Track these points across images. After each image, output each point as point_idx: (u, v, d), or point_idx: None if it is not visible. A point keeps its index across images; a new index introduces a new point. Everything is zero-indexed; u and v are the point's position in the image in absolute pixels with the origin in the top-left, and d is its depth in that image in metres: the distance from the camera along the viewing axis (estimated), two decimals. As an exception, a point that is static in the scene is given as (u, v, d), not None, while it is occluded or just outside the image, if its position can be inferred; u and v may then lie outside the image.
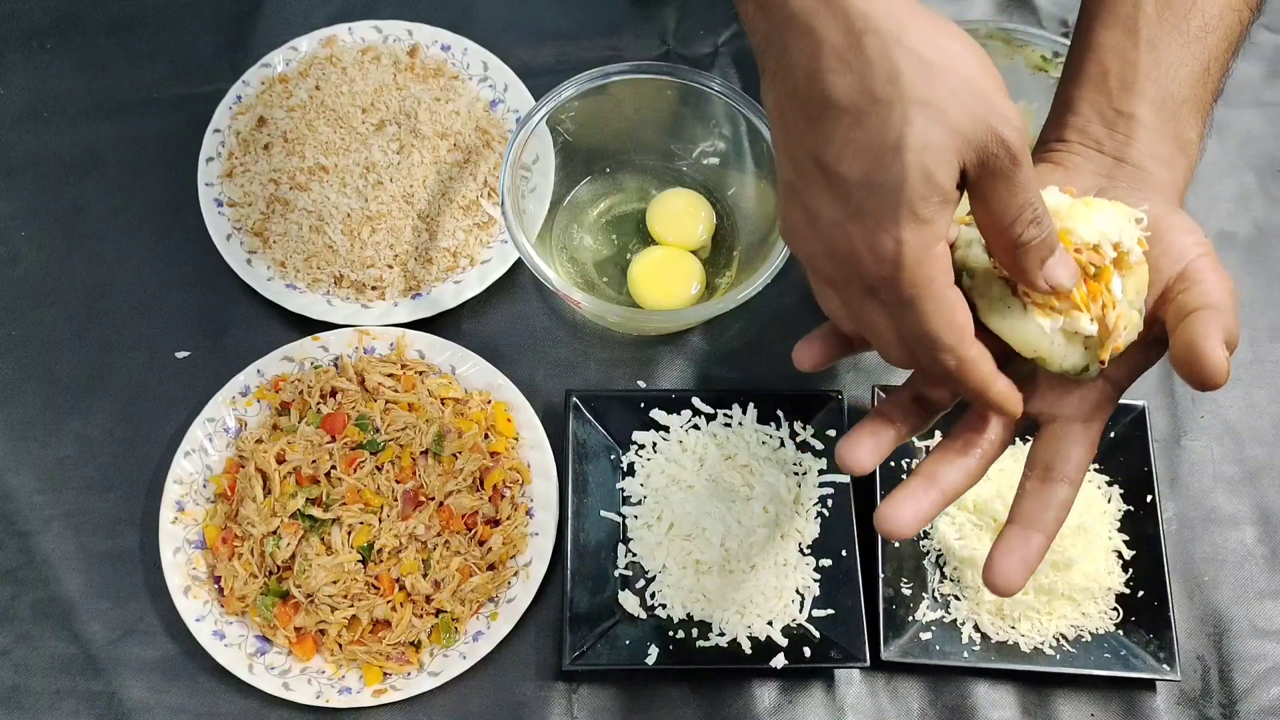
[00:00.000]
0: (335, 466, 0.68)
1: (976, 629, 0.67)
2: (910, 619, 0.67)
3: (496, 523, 0.69)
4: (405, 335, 0.73)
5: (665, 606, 0.67)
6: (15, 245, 0.79)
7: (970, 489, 0.50)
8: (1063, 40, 0.73)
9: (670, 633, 0.67)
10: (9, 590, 0.69)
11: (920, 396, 0.50)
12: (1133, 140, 0.52)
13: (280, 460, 0.68)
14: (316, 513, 0.67)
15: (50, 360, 0.75)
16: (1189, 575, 0.71)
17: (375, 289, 0.75)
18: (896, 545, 0.69)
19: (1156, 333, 0.48)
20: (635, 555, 0.69)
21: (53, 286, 0.77)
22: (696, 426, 0.72)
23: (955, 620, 0.67)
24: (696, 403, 0.72)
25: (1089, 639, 0.67)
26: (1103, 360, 0.46)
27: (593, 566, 0.68)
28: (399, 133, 0.78)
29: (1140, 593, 0.68)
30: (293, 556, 0.66)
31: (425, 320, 0.74)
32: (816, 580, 0.68)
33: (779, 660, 0.65)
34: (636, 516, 0.70)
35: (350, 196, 0.76)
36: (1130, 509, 0.70)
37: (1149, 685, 0.68)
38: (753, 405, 0.72)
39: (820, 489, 0.70)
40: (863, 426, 0.49)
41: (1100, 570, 0.67)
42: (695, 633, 0.67)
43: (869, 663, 0.64)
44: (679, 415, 0.72)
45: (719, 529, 0.67)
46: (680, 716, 0.67)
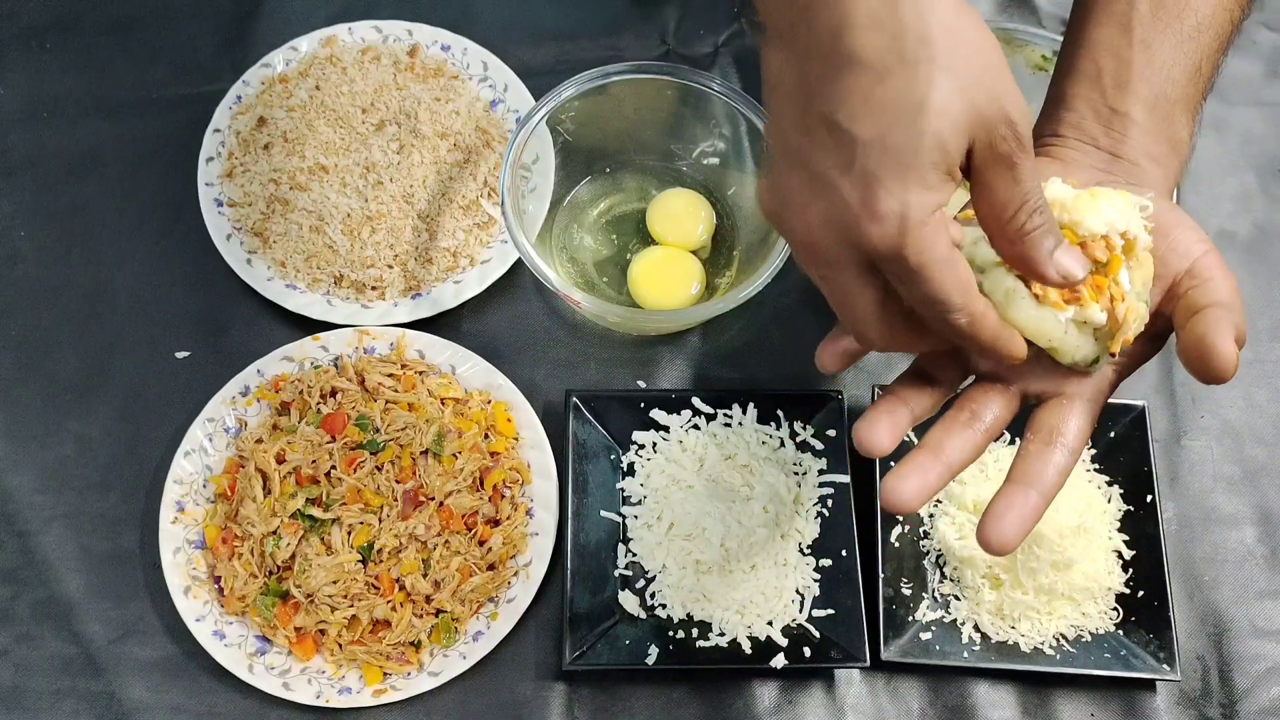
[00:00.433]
0: (335, 466, 0.68)
1: (976, 629, 0.67)
2: (910, 619, 0.67)
3: (496, 523, 0.69)
4: (405, 335, 0.73)
5: (665, 606, 0.67)
6: (15, 245, 0.79)
7: (972, 462, 0.49)
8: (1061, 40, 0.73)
9: (670, 633, 0.67)
10: (9, 590, 0.69)
11: (926, 375, 0.50)
12: (1127, 138, 0.52)
13: (280, 460, 0.68)
14: (316, 513, 0.67)
15: (50, 360, 0.75)
16: (1189, 575, 0.71)
17: (375, 289, 0.75)
18: (896, 545, 0.69)
19: (1159, 326, 0.48)
20: (635, 555, 0.69)
21: (53, 286, 0.77)
22: (696, 426, 0.72)
23: (955, 620, 0.67)
24: (696, 403, 0.72)
25: (1089, 639, 0.67)
26: (1113, 352, 0.46)
27: (593, 566, 0.68)
28: (399, 133, 0.78)
29: (1140, 593, 0.68)
30: (293, 556, 0.66)
31: (425, 320, 0.74)
32: (816, 580, 0.68)
33: (779, 660, 0.65)
34: (636, 516, 0.70)
35: (350, 196, 0.76)
36: (1130, 509, 0.70)
37: (1149, 685, 0.68)
38: (753, 405, 0.72)
39: (820, 489, 0.70)
40: (877, 407, 0.49)
41: (1100, 570, 0.67)
42: (695, 633, 0.67)
43: (869, 663, 0.64)
44: (679, 415, 0.72)
45: (719, 529, 0.67)
46: (680, 716, 0.67)
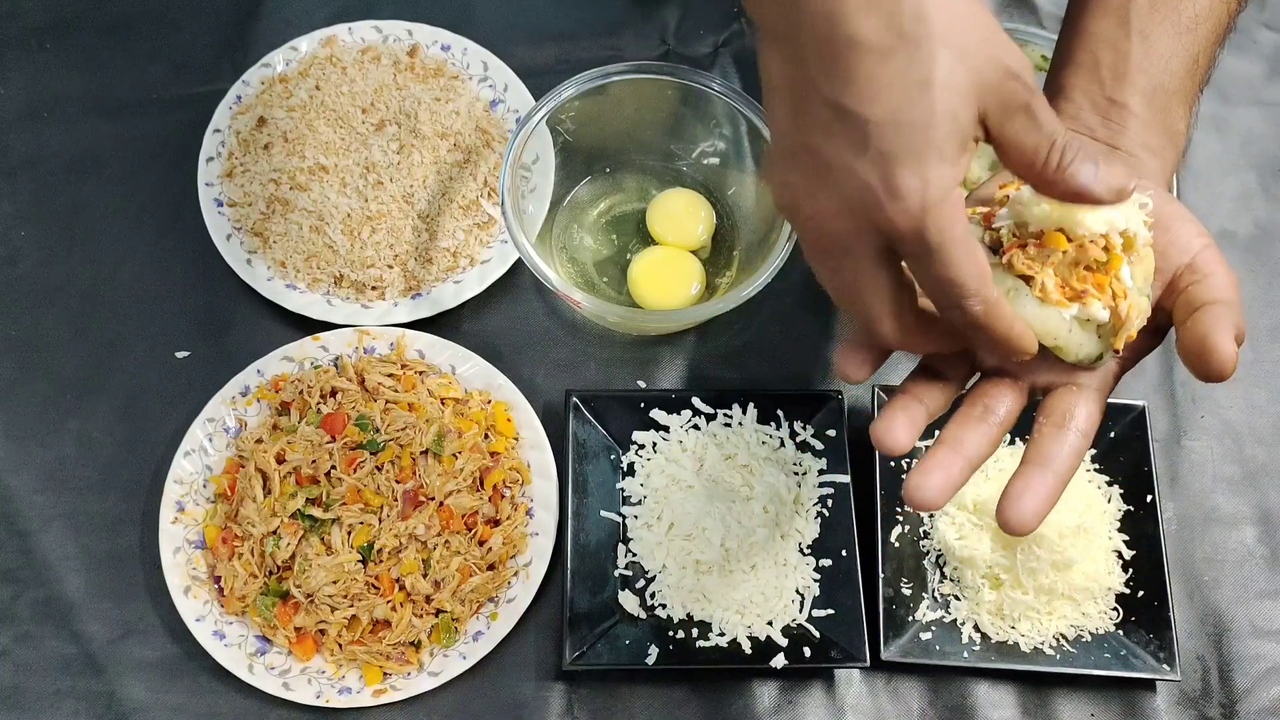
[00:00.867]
0: (335, 466, 0.68)
1: (976, 629, 0.67)
2: (910, 619, 0.67)
3: (496, 523, 0.69)
4: (405, 335, 0.73)
5: (665, 606, 0.67)
6: (15, 245, 0.79)
7: (990, 455, 0.48)
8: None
9: (670, 633, 0.67)
10: (9, 590, 0.69)
11: (936, 371, 0.50)
12: (1125, 129, 0.53)
13: (280, 460, 0.68)
14: (316, 513, 0.67)
15: (50, 360, 0.75)
16: (1189, 575, 0.71)
17: (375, 289, 0.75)
18: (896, 545, 0.69)
19: (1160, 320, 0.48)
20: (635, 555, 0.69)
21: (53, 286, 0.77)
22: (696, 426, 0.72)
23: (955, 620, 0.67)
24: (696, 403, 0.72)
25: (1089, 639, 0.67)
26: (1117, 349, 0.46)
27: (593, 566, 0.68)
28: (399, 133, 0.78)
29: (1140, 593, 0.68)
30: (293, 556, 0.66)
31: (425, 320, 0.74)
32: (816, 580, 0.68)
33: (779, 660, 0.65)
34: (636, 516, 0.70)
35: (350, 196, 0.76)
36: (1130, 509, 0.70)
37: (1149, 685, 0.68)
38: (753, 405, 0.72)
39: (820, 489, 0.70)
40: (893, 406, 0.48)
41: (1100, 570, 0.67)
42: (695, 633, 0.67)
43: (869, 663, 0.64)
44: (679, 415, 0.72)
45: (719, 529, 0.67)
46: (680, 716, 0.67)
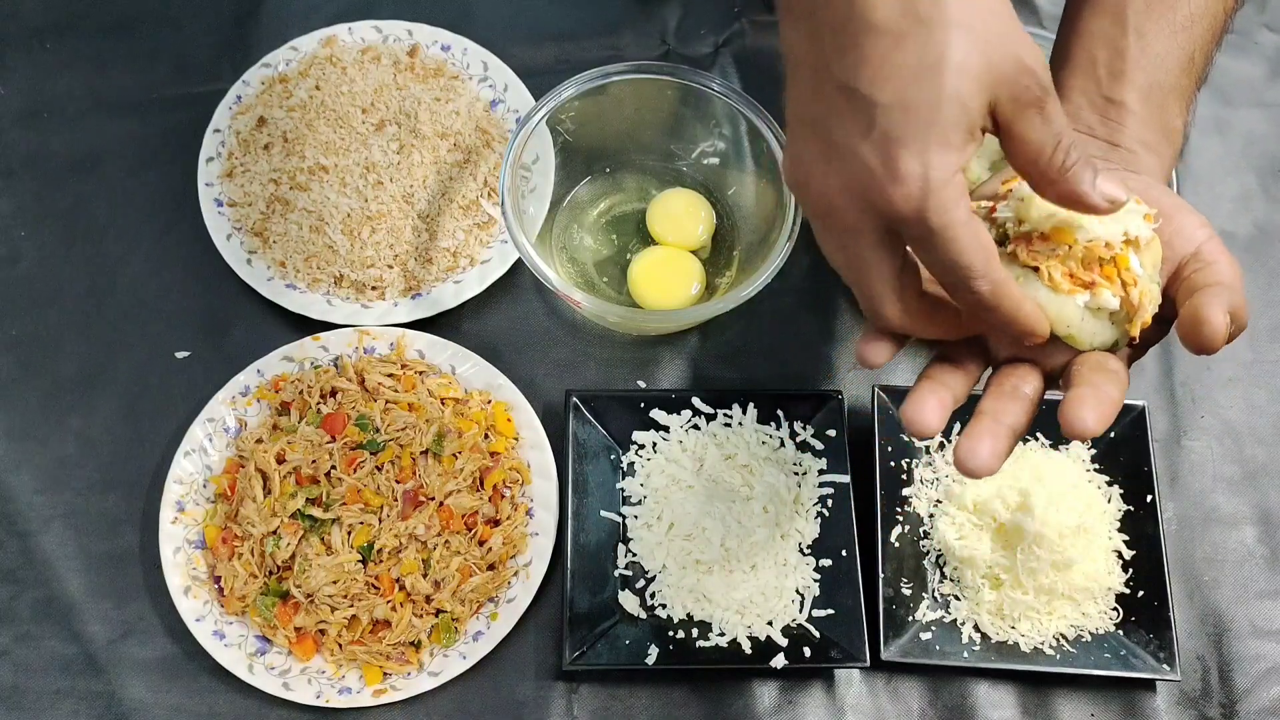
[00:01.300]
0: (335, 466, 0.68)
1: (976, 629, 0.67)
2: (910, 619, 0.67)
3: (496, 523, 0.69)
4: (405, 335, 0.73)
5: (665, 606, 0.67)
6: (15, 245, 0.79)
7: (1027, 428, 0.48)
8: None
9: (670, 633, 0.67)
10: (9, 590, 0.69)
11: (952, 359, 0.49)
12: (1123, 127, 0.53)
13: (280, 460, 0.68)
14: (316, 513, 0.67)
15: (50, 360, 0.75)
16: (1189, 575, 0.71)
17: (375, 289, 0.75)
18: (896, 545, 0.69)
19: (1167, 310, 0.49)
20: (635, 555, 0.69)
21: (53, 286, 0.77)
22: (696, 426, 0.72)
23: (955, 620, 0.67)
24: (696, 403, 0.72)
25: (1089, 639, 0.67)
26: (1133, 337, 0.47)
27: (593, 566, 0.68)
28: (399, 133, 0.78)
29: (1140, 593, 0.68)
30: (293, 556, 0.66)
31: (425, 320, 0.74)
32: (816, 580, 0.68)
33: (779, 660, 0.65)
34: (636, 516, 0.70)
35: (350, 196, 0.76)
36: (1130, 509, 0.70)
37: (1149, 685, 0.68)
38: (753, 405, 0.72)
39: (820, 489, 0.70)
40: (921, 388, 0.48)
41: (1100, 570, 0.67)
42: (695, 633, 0.67)
43: (869, 663, 0.64)
44: (679, 415, 0.72)
45: (719, 529, 0.67)
46: (680, 716, 0.67)
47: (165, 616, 0.68)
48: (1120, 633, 0.67)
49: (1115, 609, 0.68)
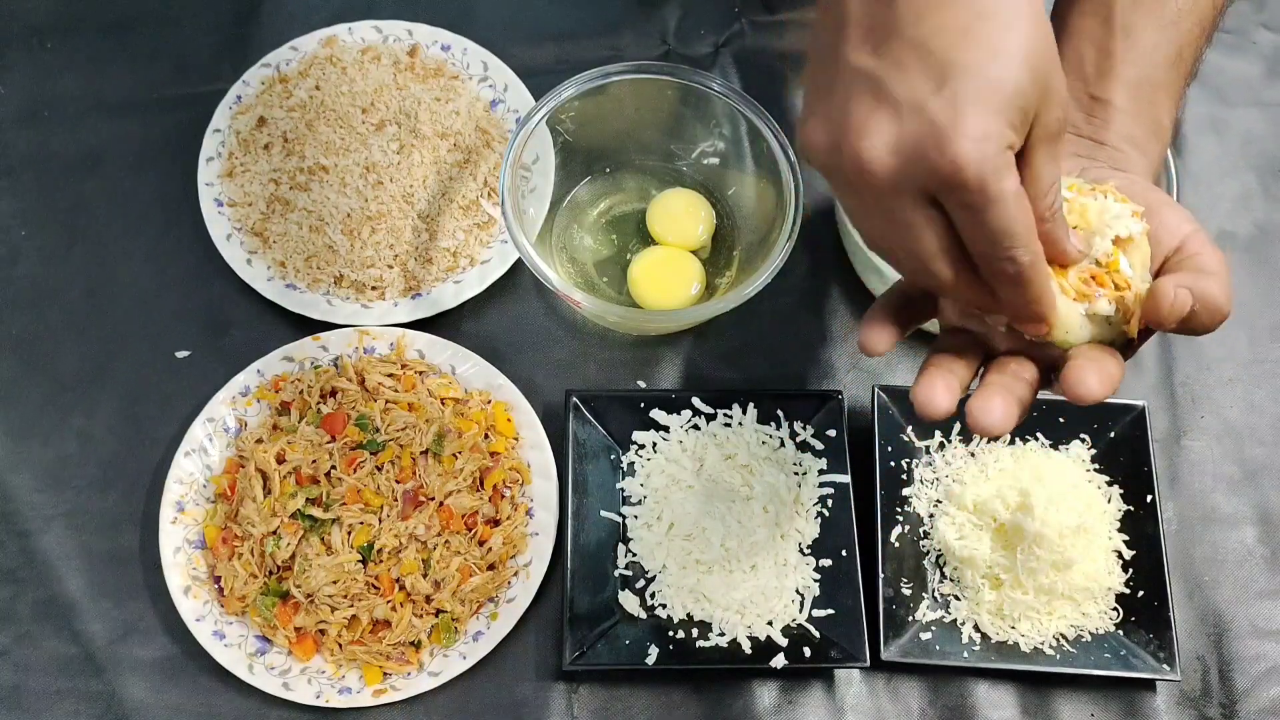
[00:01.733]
0: (335, 466, 0.68)
1: (976, 629, 0.67)
2: (910, 619, 0.67)
3: (496, 523, 0.69)
4: (405, 335, 0.73)
5: (665, 606, 0.67)
6: (15, 245, 0.79)
7: (1029, 406, 0.48)
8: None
9: (670, 633, 0.67)
10: (9, 590, 0.69)
11: (954, 347, 0.49)
12: (1110, 124, 0.53)
13: (280, 460, 0.68)
14: (316, 513, 0.67)
15: (50, 359, 0.75)
16: (1189, 575, 0.72)
17: (375, 289, 0.75)
18: (896, 545, 0.69)
19: None
20: (635, 555, 0.69)
21: (53, 285, 0.77)
22: (696, 426, 0.72)
23: (955, 620, 0.67)
24: (696, 403, 0.72)
25: (1089, 639, 0.67)
26: (1132, 336, 0.47)
27: (593, 566, 0.68)
28: (399, 133, 0.78)
29: (1140, 593, 0.68)
30: (293, 556, 0.66)
31: (425, 320, 0.74)
32: (816, 580, 0.68)
33: (779, 660, 0.65)
34: (636, 516, 0.70)
35: (350, 196, 0.76)
36: (1130, 509, 0.70)
37: (1149, 685, 0.68)
38: (753, 405, 0.72)
39: (820, 489, 0.70)
40: (930, 373, 0.47)
41: (1100, 570, 0.67)
42: (695, 633, 0.67)
43: (869, 663, 0.64)
44: (679, 415, 0.72)
45: (719, 529, 0.67)
46: (680, 716, 0.67)
47: (165, 616, 0.68)
48: (1120, 633, 0.67)
49: (1115, 609, 0.68)
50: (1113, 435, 0.72)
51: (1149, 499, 0.69)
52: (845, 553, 0.68)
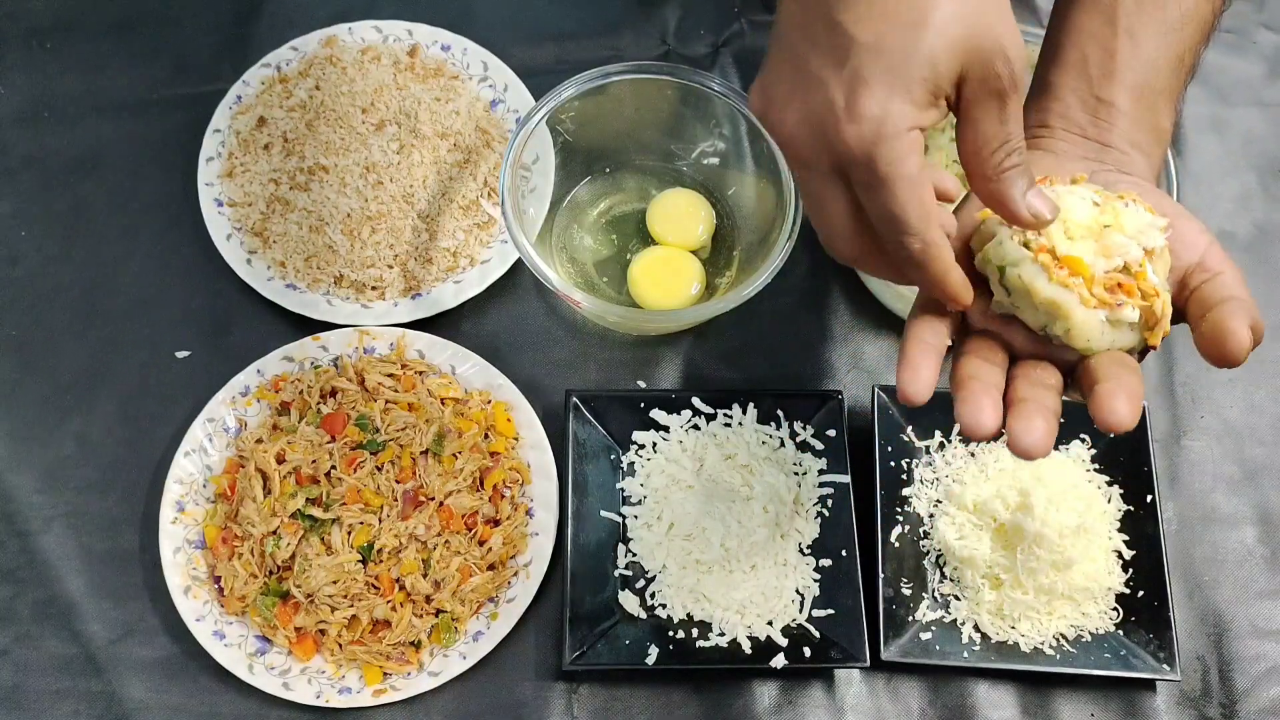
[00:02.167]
0: (335, 466, 0.68)
1: (976, 629, 0.67)
2: (910, 619, 0.67)
3: (496, 523, 0.69)
4: (405, 335, 0.73)
5: (665, 606, 0.67)
6: (15, 245, 0.79)
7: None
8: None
9: (670, 633, 0.67)
10: (9, 590, 0.69)
11: (984, 338, 0.48)
12: (1114, 127, 0.53)
13: (280, 460, 0.68)
14: (316, 513, 0.67)
15: (50, 360, 0.75)
16: (1189, 575, 0.71)
17: (375, 289, 0.75)
18: (896, 545, 0.69)
19: (1172, 318, 0.48)
20: (635, 555, 0.69)
21: (53, 286, 0.77)
22: (696, 426, 0.72)
23: (955, 620, 0.67)
24: (696, 403, 0.72)
25: (1089, 639, 0.67)
26: (1154, 345, 0.47)
27: (593, 566, 0.68)
28: (399, 133, 0.78)
29: (1140, 593, 0.68)
30: (293, 556, 0.66)
31: (425, 320, 0.74)
32: (816, 580, 0.68)
33: (779, 660, 0.65)
34: (636, 516, 0.70)
35: (350, 196, 0.76)
36: (1130, 509, 0.70)
37: (1149, 685, 0.68)
38: (753, 405, 0.72)
39: (820, 489, 0.70)
40: (972, 386, 0.45)
41: (1100, 570, 0.67)
42: (695, 633, 0.67)
43: (869, 663, 0.64)
44: (679, 415, 0.72)
45: (719, 529, 0.67)
46: (680, 716, 0.67)
47: (165, 616, 0.68)
48: (1120, 633, 0.67)
49: (1115, 609, 0.68)
50: (1112, 435, 0.72)
51: (1149, 499, 0.69)
52: (845, 553, 0.68)
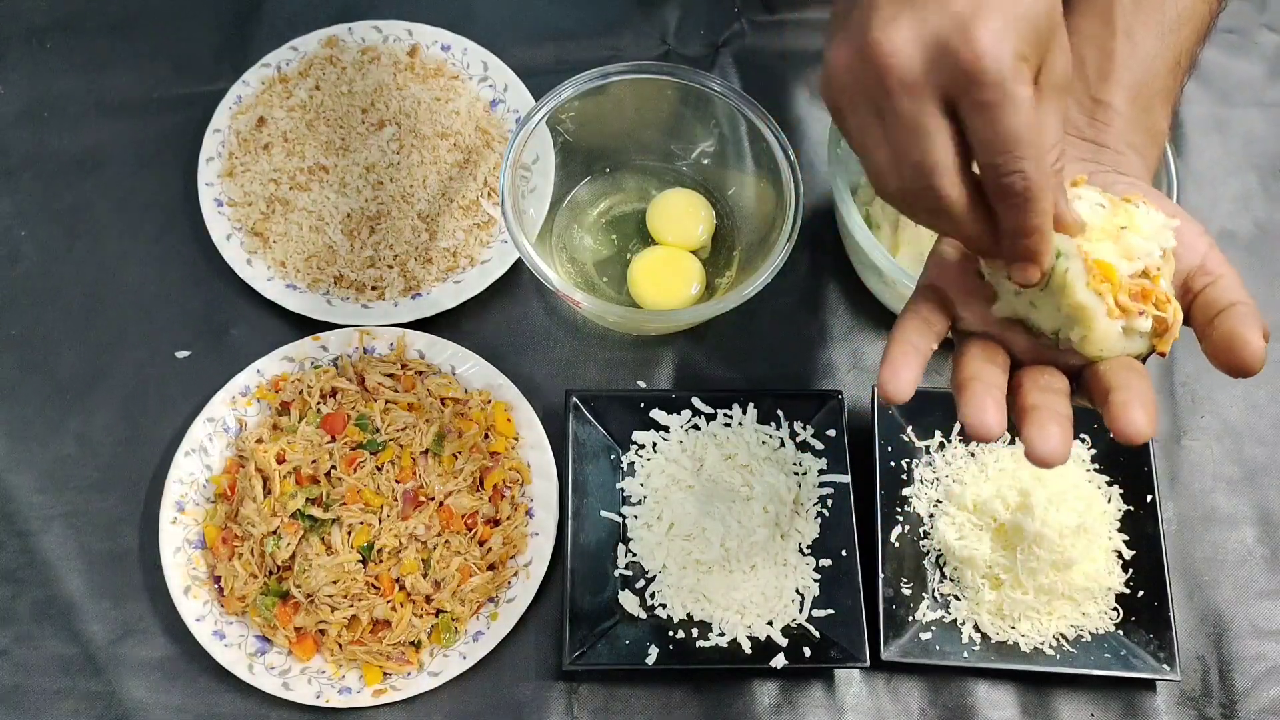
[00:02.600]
0: (335, 466, 0.68)
1: (976, 629, 0.67)
2: (910, 619, 0.67)
3: (496, 523, 0.69)
4: (405, 335, 0.73)
5: (665, 606, 0.67)
6: (15, 245, 0.79)
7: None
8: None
9: (670, 633, 0.67)
10: (9, 590, 0.69)
11: (982, 342, 0.48)
12: (1111, 127, 0.53)
13: (280, 460, 0.68)
14: (316, 513, 0.67)
15: (50, 360, 0.75)
16: (1189, 575, 0.71)
17: (375, 289, 0.75)
18: (896, 545, 0.69)
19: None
20: (635, 555, 0.69)
21: (53, 286, 0.77)
22: (696, 426, 0.72)
23: (955, 620, 0.67)
24: (696, 403, 0.72)
25: (1089, 639, 0.67)
26: (1162, 353, 0.46)
27: (593, 566, 0.68)
28: (399, 133, 0.78)
29: (1140, 593, 0.68)
30: (293, 556, 0.66)
31: (425, 320, 0.74)
32: (816, 580, 0.68)
33: (779, 660, 0.65)
34: (636, 516, 0.70)
35: (350, 196, 0.76)
36: (1130, 509, 0.70)
37: (1149, 685, 0.68)
38: (753, 405, 0.72)
39: (820, 489, 0.70)
40: (975, 387, 0.45)
41: (1100, 570, 0.67)
42: (695, 633, 0.67)
43: (869, 663, 0.64)
44: (679, 415, 0.72)
45: (719, 529, 0.67)
46: (680, 716, 0.67)
47: (165, 616, 0.68)
48: (1120, 633, 0.67)
49: (1115, 609, 0.68)
50: (1113, 435, 0.72)
51: (1149, 499, 0.69)
52: (845, 553, 0.68)
